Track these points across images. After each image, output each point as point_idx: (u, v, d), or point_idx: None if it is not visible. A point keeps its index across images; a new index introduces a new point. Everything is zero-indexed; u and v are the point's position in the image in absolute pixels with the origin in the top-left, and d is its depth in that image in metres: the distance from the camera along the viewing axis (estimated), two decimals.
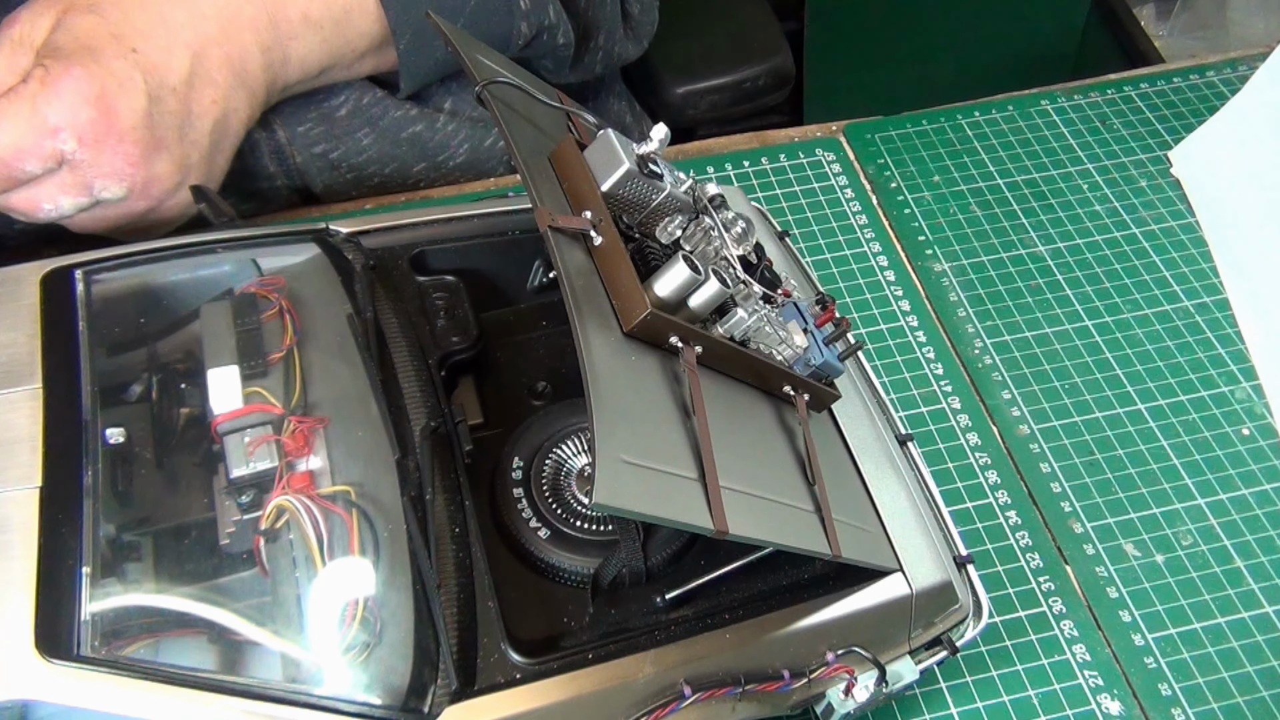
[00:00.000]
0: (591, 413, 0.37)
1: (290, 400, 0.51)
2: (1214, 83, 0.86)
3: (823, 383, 0.50)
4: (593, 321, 0.41)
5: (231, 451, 0.49)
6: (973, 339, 0.71)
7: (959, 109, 0.85)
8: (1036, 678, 0.57)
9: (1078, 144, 0.83)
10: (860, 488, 0.51)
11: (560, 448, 0.53)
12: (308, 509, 0.47)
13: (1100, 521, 0.63)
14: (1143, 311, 0.73)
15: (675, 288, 0.42)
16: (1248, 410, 0.68)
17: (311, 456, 0.49)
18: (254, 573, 0.47)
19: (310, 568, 0.45)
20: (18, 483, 0.45)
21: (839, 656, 0.47)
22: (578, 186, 0.45)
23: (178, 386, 0.52)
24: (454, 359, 0.55)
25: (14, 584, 0.42)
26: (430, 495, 0.48)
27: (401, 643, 0.44)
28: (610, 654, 0.45)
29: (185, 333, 0.54)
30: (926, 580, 0.49)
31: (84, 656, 0.41)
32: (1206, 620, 0.59)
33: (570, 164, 0.46)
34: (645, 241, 0.45)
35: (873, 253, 0.76)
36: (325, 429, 0.50)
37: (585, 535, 0.50)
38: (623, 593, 0.48)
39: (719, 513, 0.39)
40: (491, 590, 0.46)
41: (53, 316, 0.51)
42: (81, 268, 0.53)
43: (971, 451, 0.66)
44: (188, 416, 0.51)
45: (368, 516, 0.47)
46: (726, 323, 0.45)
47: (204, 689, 0.41)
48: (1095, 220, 0.78)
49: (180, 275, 0.55)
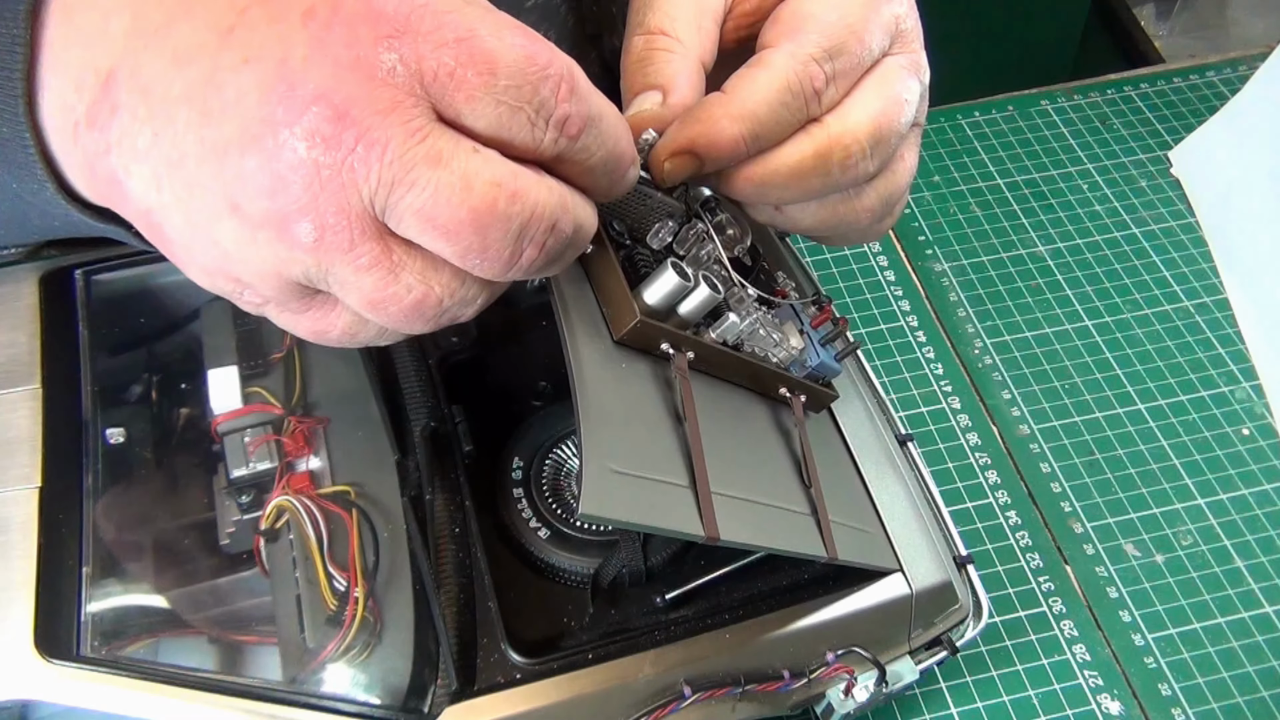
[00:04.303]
0: (579, 422, 0.37)
1: (290, 400, 0.51)
2: (1214, 83, 0.86)
3: (820, 383, 0.50)
4: (582, 329, 0.41)
5: (231, 451, 0.49)
6: (973, 339, 0.71)
7: (959, 109, 0.85)
8: (1036, 678, 0.57)
9: (1078, 144, 0.83)
10: (860, 488, 0.50)
11: (560, 448, 0.53)
12: (308, 509, 0.47)
13: (1100, 521, 0.63)
14: (1143, 311, 0.73)
15: (664, 295, 0.42)
16: (1248, 410, 0.68)
17: (311, 456, 0.49)
18: (254, 573, 0.47)
19: (310, 568, 0.45)
20: (18, 483, 0.45)
21: (839, 657, 0.47)
22: None
23: (178, 386, 0.52)
24: (454, 359, 0.55)
25: (14, 584, 0.42)
26: (430, 495, 0.48)
27: (401, 643, 0.44)
28: (610, 654, 0.45)
29: (185, 333, 0.54)
30: (926, 580, 0.49)
31: (84, 656, 0.41)
32: (1206, 620, 0.59)
33: None
34: (636, 248, 0.44)
35: (872, 252, 0.76)
36: (325, 429, 0.50)
37: (585, 535, 0.50)
38: (623, 593, 0.48)
39: (709, 519, 0.39)
40: (491, 590, 0.46)
41: (52, 316, 0.51)
42: (81, 268, 0.53)
43: (971, 451, 0.66)
44: (188, 416, 0.51)
45: (368, 516, 0.47)
46: (719, 327, 0.44)
47: (204, 689, 0.41)
48: (1095, 220, 0.78)
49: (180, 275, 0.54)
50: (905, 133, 0.45)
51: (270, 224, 0.33)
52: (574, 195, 0.36)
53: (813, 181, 0.43)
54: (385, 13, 0.32)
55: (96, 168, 0.35)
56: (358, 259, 0.34)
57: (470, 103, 0.32)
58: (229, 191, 0.33)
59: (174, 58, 0.33)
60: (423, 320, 0.36)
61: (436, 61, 0.32)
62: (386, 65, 0.32)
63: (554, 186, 0.35)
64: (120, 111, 0.34)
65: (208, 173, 0.33)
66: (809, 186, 0.43)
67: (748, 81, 0.42)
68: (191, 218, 0.34)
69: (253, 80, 0.32)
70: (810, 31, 0.42)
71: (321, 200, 0.32)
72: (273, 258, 0.34)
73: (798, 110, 0.42)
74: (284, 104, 0.31)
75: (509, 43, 0.33)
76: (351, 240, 0.33)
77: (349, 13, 0.32)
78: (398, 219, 0.33)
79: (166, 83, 0.33)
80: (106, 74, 0.34)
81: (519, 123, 0.33)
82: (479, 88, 0.32)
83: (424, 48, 0.32)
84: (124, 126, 0.34)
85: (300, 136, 0.31)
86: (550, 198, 0.34)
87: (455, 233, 0.33)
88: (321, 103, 0.31)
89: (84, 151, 0.35)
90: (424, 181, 0.32)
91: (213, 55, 0.32)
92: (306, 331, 0.38)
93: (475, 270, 0.35)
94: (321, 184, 0.32)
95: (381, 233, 0.33)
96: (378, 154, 0.31)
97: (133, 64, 0.33)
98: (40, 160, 0.36)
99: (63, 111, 0.35)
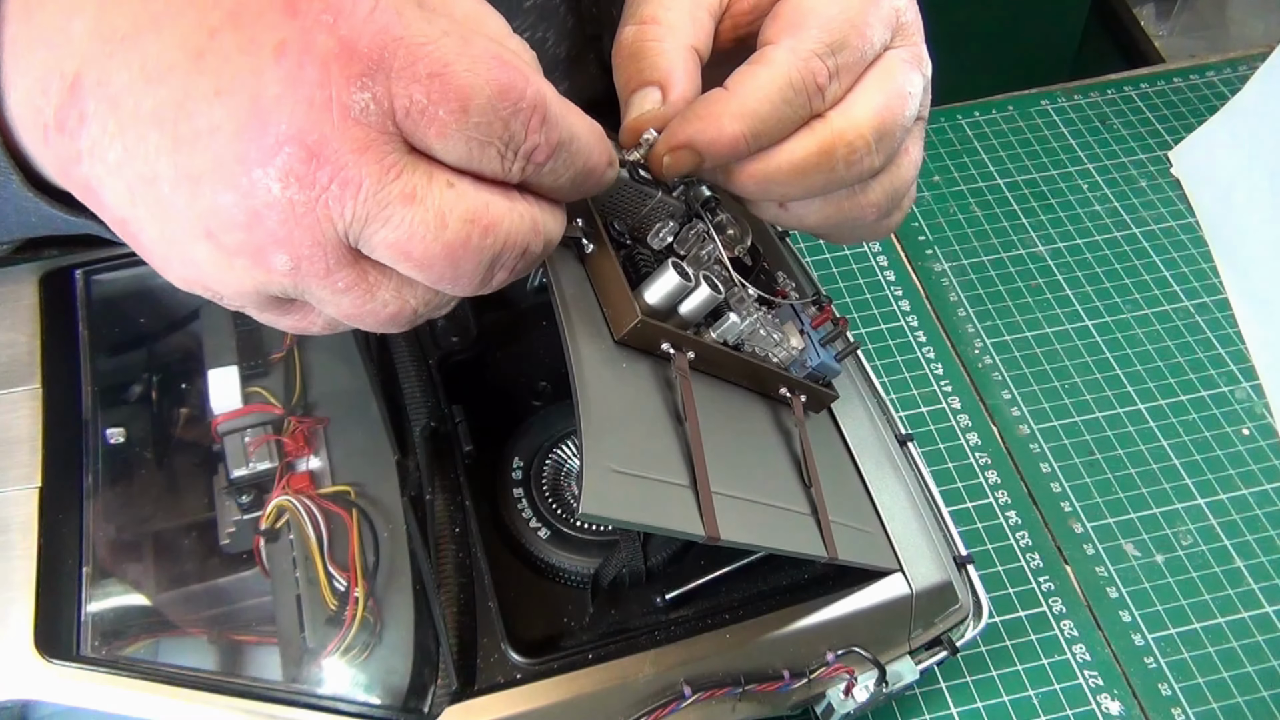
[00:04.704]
0: (580, 422, 0.37)
1: (290, 400, 0.51)
2: (1214, 83, 0.86)
3: (820, 383, 0.50)
4: (583, 330, 0.41)
5: (231, 451, 0.49)
6: (973, 339, 0.71)
7: (959, 109, 0.85)
8: (1036, 678, 0.57)
9: (1078, 144, 0.83)
10: (860, 488, 0.50)
11: (560, 448, 0.53)
12: (308, 509, 0.47)
13: (1100, 521, 0.63)
14: (1143, 311, 0.73)
15: (665, 294, 0.42)
16: (1248, 410, 0.68)
17: (311, 456, 0.49)
18: (254, 573, 0.47)
19: (310, 568, 0.46)
20: (18, 483, 0.45)
21: (839, 656, 0.47)
22: None
23: (178, 386, 0.52)
24: (454, 359, 0.55)
25: (14, 584, 0.42)
26: (430, 495, 0.48)
27: (401, 643, 0.44)
28: (610, 654, 0.45)
29: (185, 333, 0.54)
30: (926, 580, 0.49)
31: (84, 656, 0.41)
32: (1206, 620, 0.59)
33: None
34: (637, 248, 0.44)
35: (872, 252, 0.76)
36: (325, 429, 0.50)
37: (585, 535, 0.50)
38: (623, 593, 0.48)
39: (710, 518, 0.39)
40: (491, 590, 0.46)
41: (52, 316, 0.51)
42: (81, 268, 0.53)
43: (971, 451, 0.66)
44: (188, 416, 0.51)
45: (368, 516, 0.47)
46: (719, 327, 0.44)
47: (204, 689, 0.41)
48: (1095, 220, 0.78)
49: None
50: (909, 126, 0.44)
51: (245, 253, 0.33)
52: (543, 212, 0.36)
53: (817, 178, 0.43)
54: (358, 50, 0.31)
55: (70, 173, 0.35)
56: (334, 284, 0.34)
57: (441, 138, 0.32)
58: (203, 219, 0.33)
59: (143, 73, 0.33)
60: (398, 326, 0.37)
61: (409, 99, 0.32)
62: (359, 105, 0.31)
63: (525, 212, 0.35)
64: (89, 121, 0.33)
65: (181, 199, 0.33)
66: (813, 183, 0.43)
67: (749, 78, 0.41)
68: (166, 235, 0.34)
69: (225, 115, 0.32)
70: (811, 26, 0.42)
71: (296, 235, 0.32)
72: (249, 280, 0.34)
73: (800, 107, 0.41)
74: (257, 143, 0.31)
75: (483, 77, 0.32)
76: (327, 268, 0.33)
77: (322, 51, 0.31)
78: (371, 249, 0.33)
79: (136, 99, 0.33)
80: (73, 77, 0.33)
81: (489, 155, 0.33)
82: (450, 124, 0.32)
83: (396, 85, 0.32)
84: (94, 137, 0.33)
85: (274, 177, 0.31)
86: (522, 224, 0.35)
87: (429, 265, 0.33)
88: (294, 143, 0.31)
89: (56, 155, 0.35)
90: (398, 219, 0.32)
91: (183, 79, 0.32)
92: (287, 328, 0.39)
93: (447, 290, 0.35)
94: (296, 220, 0.32)
95: (356, 258, 0.34)
96: (352, 192, 0.32)
97: (99, 71, 0.33)
98: (5, 154, 0.36)
99: (32, 112, 0.35)
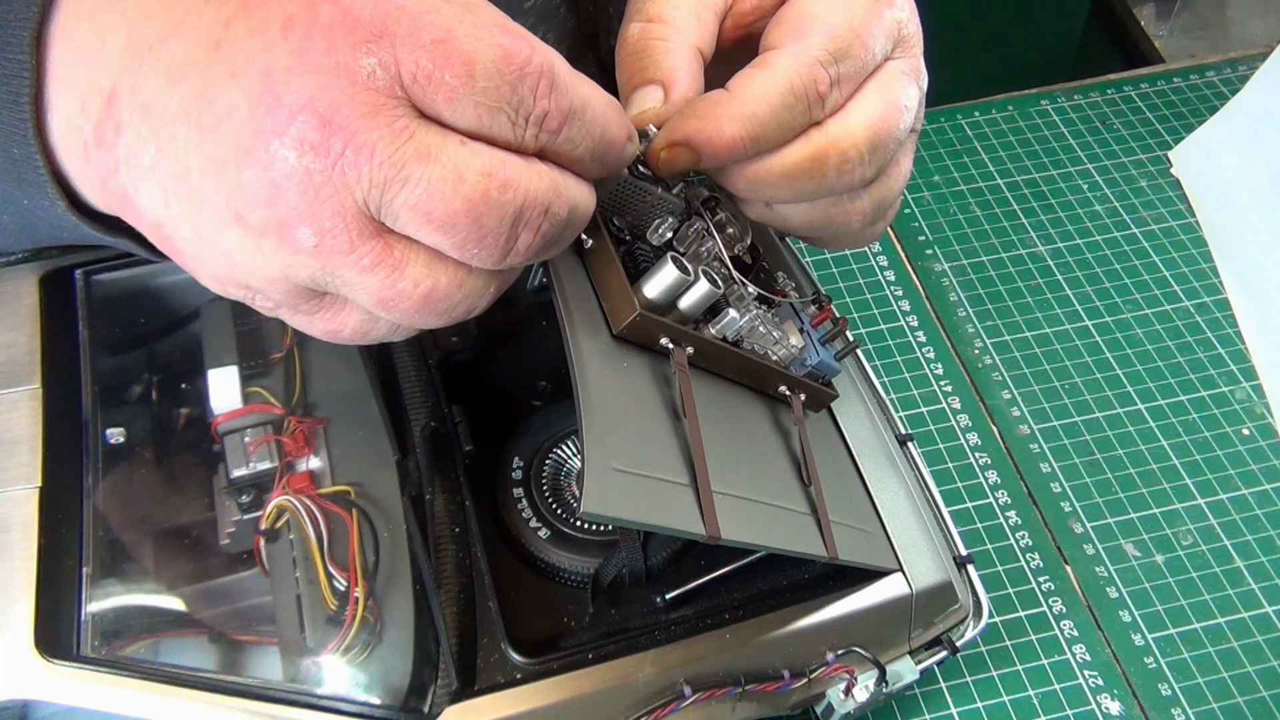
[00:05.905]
0: (581, 420, 0.37)
1: (290, 400, 0.51)
2: (1214, 83, 0.86)
3: (820, 382, 0.50)
4: (583, 325, 0.41)
5: (231, 451, 0.49)
6: (973, 339, 0.71)
7: (959, 109, 0.85)
8: (1036, 678, 0.57)
9: (1078, 144, 0.83)
10: (860, 488, 0.50)
11: (560, 448, 0.53)
12: (308, 509, 0.47)
13: (1100, 521, 0.63)
14: (1143, 311, 0.73)
15: (664, 288, 0.42)
16: (1248, 410, 0.68)
17: (311, 456, 0.49)
18: (254, 573, 0.47)
19: (310, 567, 0.46)
20: (18, 483, 0.45)
21: (839, 656, 0.47)
22: None
23: (178, 386, 0.52)
24: (454, 359, 0.55)
25: (14, 584, 0.42)
26: (430, 495, 0.48)
27: (401, 643, 0.44)
28: (610, 654, 0.45)
29: (185, 333, 0.54)
30: (926, 580, 0.49)
31: (84, 656, 0.41)
32: (1206, 620, 0.59)
33: None
34: (636, 244, 0.44)
35: (872, 252, 0.76)
36: (325, 429, 0.50)
37: (585, 535, 0.50)
38: (623, 593, 0.48)
39: (711, 518, 0.39)
40: (491, 590, 0.46)
41: (52, 316, 0.51)
42: (81, 268, 0.53)
43: (971, 451, 0.66)
44: (188, 416, 0.51)
45: (368, 516, 0.47)
46: (718, 323, 0.44)
47: (204, 689, 0.41)
48: (1095, 220, 0.78)
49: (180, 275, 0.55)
50: (903, 139, 0.44)
51: (272, 231, 0.33)
52: (566, 178, 0.36)
53: (808, 184, 0.43)
54: (361, 18, 0.32)
55: (108, 184, 0.36)
56: (360, 260, 0.34)
57: (450, 104, 0.33)
58: (231, 202, 0.33)
59: (168, 74, 0.34)
60: (434, 314, 0.36)
61: (414, 64, 0.32)
62: (366, 70, 0.32)
63: (544, 172, 0.35)
64: (125, 130, 0.34)
65: (210, 186, 0.33)
66: (803, 188, 0.43)
67: (751, 82, 0.41)
68: (199, 229, 0.35)
69: (241, 94, 0.32)
70: (815, 34, 0.42)
71: (317, 205, 0.32)
72: (279, 264, 0.34)
73: (801, 114, 0.42)
74: (271, 115, 0.32)
75: (486, 42, 0.33)
76: (351, 241, 0.33)
77: (326, 21, 0.32)
78: (394, 216, 0.33)
79: (164, 99, 0.34)
80: (109, 93, 0.35)
81: (500, 122, 0.34)
82: (457, 89, 0.33)
83: (401, 51, 0.32)
84: (129, 144, 0.34)
85: (290, 146, 0.32)
86: (541, 183, 0.35)
87: (451, 224, 0.33)
88: (307, 111, 0.32)
89: (96, 170, 0.36)
90: (416, 177, 0.32)
91: (203, 70, 0.33)
92: (320, 332, 0.39)
93: (474, 261, 0.35)
94: (315, 190, 0.32)
95: (380, 231, 0.34)
96: (366, 156, 0.32)
97: (132, 82, 0.34)
98: (51, 179, 0.37)
99: (72, 132, 0.36)
